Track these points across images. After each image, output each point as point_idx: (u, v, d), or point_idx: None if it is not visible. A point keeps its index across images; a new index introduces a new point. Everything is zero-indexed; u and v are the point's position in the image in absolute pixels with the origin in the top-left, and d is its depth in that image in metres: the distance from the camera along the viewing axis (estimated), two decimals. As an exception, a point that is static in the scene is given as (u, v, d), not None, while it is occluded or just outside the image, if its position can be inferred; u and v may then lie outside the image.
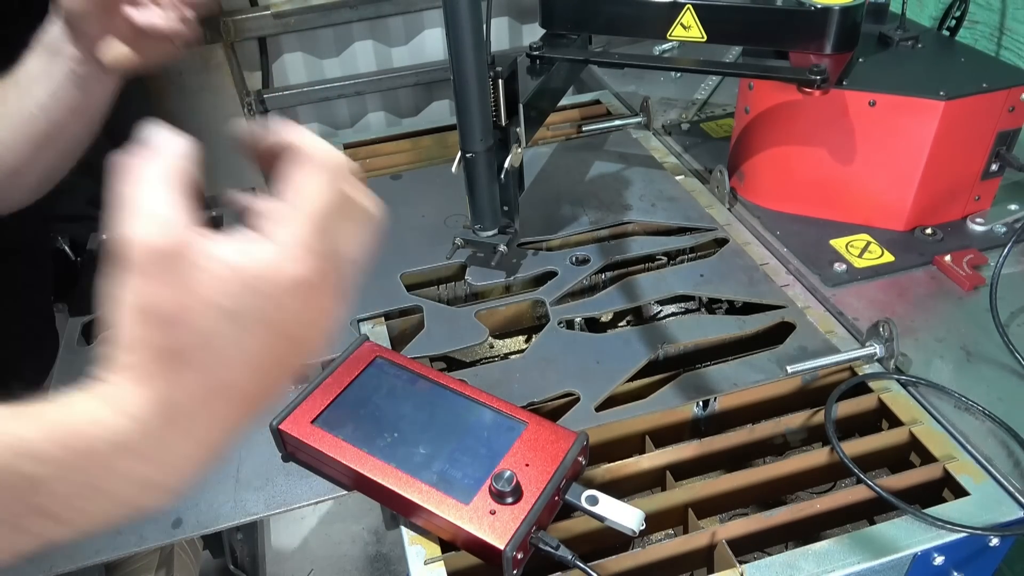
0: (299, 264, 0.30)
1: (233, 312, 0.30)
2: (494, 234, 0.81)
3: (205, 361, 0.30)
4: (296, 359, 0.33)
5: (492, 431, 0.58)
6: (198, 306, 0.29)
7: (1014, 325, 0.73)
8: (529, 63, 0.87)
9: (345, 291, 0.33)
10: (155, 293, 0.29)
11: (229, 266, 0.29)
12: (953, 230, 0.86)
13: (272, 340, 0.31)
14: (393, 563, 1.48)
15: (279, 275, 0.30)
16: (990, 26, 1.05)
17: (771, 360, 0.71)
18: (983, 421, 0.64)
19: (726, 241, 0.88)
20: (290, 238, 0.31)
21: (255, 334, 0.30)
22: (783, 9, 0.78)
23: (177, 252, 0.29)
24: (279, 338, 0.31)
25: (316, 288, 0.31)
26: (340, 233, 0.33)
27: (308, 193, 0.32)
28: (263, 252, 0.30)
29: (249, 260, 0.30)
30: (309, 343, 0.33)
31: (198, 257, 0.29)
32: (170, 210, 0.29)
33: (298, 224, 0.31)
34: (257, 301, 0.30)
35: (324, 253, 0.31)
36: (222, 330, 0.30)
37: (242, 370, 0.31)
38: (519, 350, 0.85)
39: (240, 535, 1.30)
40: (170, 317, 0.29)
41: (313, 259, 0.31)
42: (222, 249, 0.30)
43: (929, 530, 0.56)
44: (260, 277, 0.30)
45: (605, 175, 1.02)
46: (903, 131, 0.79)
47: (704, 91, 1.23)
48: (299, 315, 0.31)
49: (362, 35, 1.52)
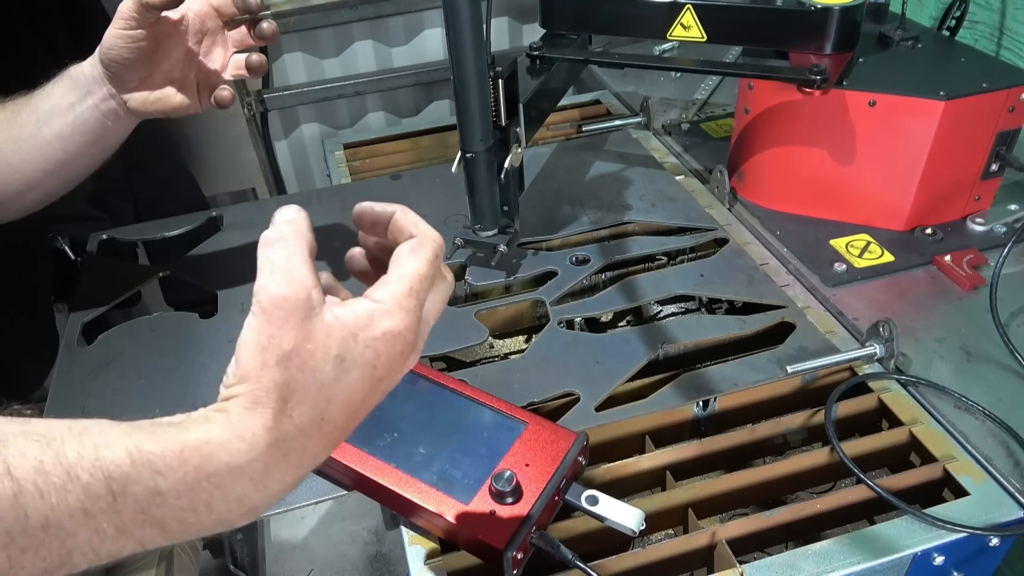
0: (393, 318, 0.36)
1: (338, 355, 0.34)
2: (494, 234, 0.81)
3: (313, 396, 0.34)
4: (375, 399, 0.37)
5: (492, 431, 0.58)
6: (311, 348, 0.33)
7: (1014, 325, 0.73)
8: (529, 63, 0.87)
9: (420, 347, 0.38)
10: (278, 335, 0.33)
11: (339, 318, 0.35)
12: (953, 230, 0.86)
13: (364, 381, 0.36)
14: (393, 563, 1.48)
15: (378, 327, 0.35)
16: (990, 26, 1.05)
17: (771, 360, 0.71)
18: (983, 421, 0.64)
19: (726, 241, 0.88)
20: (389, 297, 0.36)
21: (354, 375, 0.35)
22: (783, 9, 0.78)
23: (301, 304, 0.33)
24: (370, 380, 0.36)
25: (404, 340, 0.36)
26: (428, 299, 0.38)
27: (410, 262, 0.37)
28: (366, 307, 0.35)
29: (354, 313, 0.35)
30: (388, 386, 0.38)
31: (316, 309, 0.34)
32: (297, 268, 0.34)
33: (396, 286, 0.36)
34: (358, 347, 0.35)
35: (414, 311, 0.37)
36: (328, 370, 0.34)
37: (339, 407, 0.35)
38: (519, 350, 0.85)
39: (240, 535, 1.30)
40: (288, 356, 0.33)
41: (404, 315, 0.36)
42: (336, 304, 0.35)
43: (929, 530, 0.56)
44: (362, 327, 0.35)
45: (605, 175, 1.02)
46: (903, 131, 0.79)
47: (704, 91, 1.23)
48: (388, 362, 0.36)
49: (362, 35, 1.52)
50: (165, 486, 0.31)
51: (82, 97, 0.65)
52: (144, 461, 0.31)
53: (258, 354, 0.33)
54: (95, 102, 0.65)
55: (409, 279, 0.37)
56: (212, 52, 0.69)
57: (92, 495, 0.30)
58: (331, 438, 0.36)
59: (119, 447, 0.31)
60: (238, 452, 0.33)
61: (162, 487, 0.31)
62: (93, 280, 0.89)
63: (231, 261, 0.90)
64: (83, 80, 0.64)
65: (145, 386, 0.73)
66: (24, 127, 0.65)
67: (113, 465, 0.31)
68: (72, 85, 0.65)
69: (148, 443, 0.32)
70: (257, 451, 0.33)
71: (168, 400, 0.71)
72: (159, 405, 0.71)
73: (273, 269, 0.34)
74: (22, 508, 0.29)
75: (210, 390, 0.34)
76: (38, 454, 0.30)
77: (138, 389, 0.73)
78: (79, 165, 0.68)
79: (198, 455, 0.32)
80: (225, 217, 0.97)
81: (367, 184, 1.05)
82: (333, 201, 0.99)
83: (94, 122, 0.65)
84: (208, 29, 0.67)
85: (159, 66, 0.66)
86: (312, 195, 1.02)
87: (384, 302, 0.36)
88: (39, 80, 0.66)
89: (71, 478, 0.30)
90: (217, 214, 0.98)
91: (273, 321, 0.33)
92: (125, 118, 0.67)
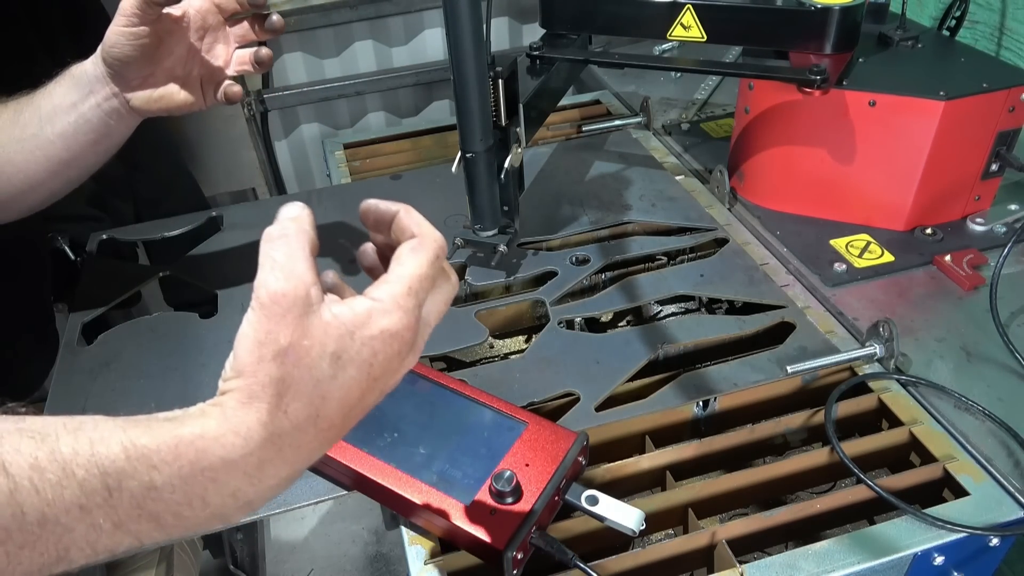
0: (391, 317, 0.36)
1: (335, 353, 0.34)
2: (494, 234, 0.81)
3: (308, 393, 0.34)
4: (374, 398, 0.37)
5: (492, 431, 0.58)
6: (308, 345, 0.33)
7: (1014, 325, 0.73)
8: (529, 63, 0.87)
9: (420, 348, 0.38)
10: (275, 330, 0.33)
11: (336, 315, 0.35)
12: (953, 230, 0.86)
13: (361, 379, 0.35)
14: (393, 563, 1.48)
15: (376, 325, 0.35)
16: (990, 26, 1.05)
17: (771, 360, 0.71)
18: (983, 421, 0.64)
19: (726, 241, 0.88)
20: (388, 297, 0.36)
21: (351, 373, 0.35)
22: (783, 9, 0.78)
23: (300, 301, 0.33)
24: (367, 378, 0.36)
25: (402, 339, 0.36)
26: (428, 300, 0.38)
27: (410, 262, 0.37)
28: (364, 305, 0.35)
29: (352, 311, 0.35)
30: (386, 385, 0.38)
31: (315, 306, 0.34)
32: (298, 265, 0.34)
33: (396, 286, 0.36)
34: (355, 345, 0.35)
35: (412, 311, 0.36)
36: (324, 367, 0.34)
37: (335, 403, 0.35)
38: (519, 350, 0.85)
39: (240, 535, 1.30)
40: (284, 351, 0.33)
41: (403, 315, 0.36)
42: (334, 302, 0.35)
43: (929, 530, 0.56)
44: (359, 325, 0.35)
45: (605, 175, 1.02)
46: (903, 131, 0.79)
47: (704, 91, 1.23)
48: (387, 361, 0.36)
49: (362, 35, 1.52)
50: (160, 480, 0.32)
51: (84, 96, 0.65)
52: (139, 455, 0.31)
53: (255, 349, 0.33)
54: (97, 101, 0.65)
55: (408, 279, 0.37)
56: (214, 48, 0.69)
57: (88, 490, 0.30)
58: (327, 435, 0.36)
59: (114, 442, 0.31)
60: (232, 446, 0.33)
61: (157, 481, 0.31)
62: (93, 280, 0.89)
63: (231, 261, 0.90)
64: (85, 79, 0.64)
65: (145, 386, 0.73)
66: (27, 127, 0.65)
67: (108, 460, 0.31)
68: (74, 84, 0.65)
69: (143, 437, 0.32)
70: (252, 445, 0.33)
71: (168, 400, 0.71)
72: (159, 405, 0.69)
73: (274, 265, 0.34)
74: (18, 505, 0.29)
75: (210, 390, 0.34)
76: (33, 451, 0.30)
77: (138, 389, 0.73)
78: (82, 165, 0.68)
79: (193, 449, 0.32)
80: (225, 217, 0.97)
81: (367, 184, 1.05)
82: (333, 201, 0.99)
83: (97, 121, 0.65)
84: (210, 25, 0.67)
85: (161, 63, 0.65)
86: (312, 195, 1.02)
87: (382, 301, 0.36)
88: (41, 80, 0.66)
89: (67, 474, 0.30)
90: (217, 214, 0.98)
91: (271, 316, 0.33)
92: (127, 117, 0.67)
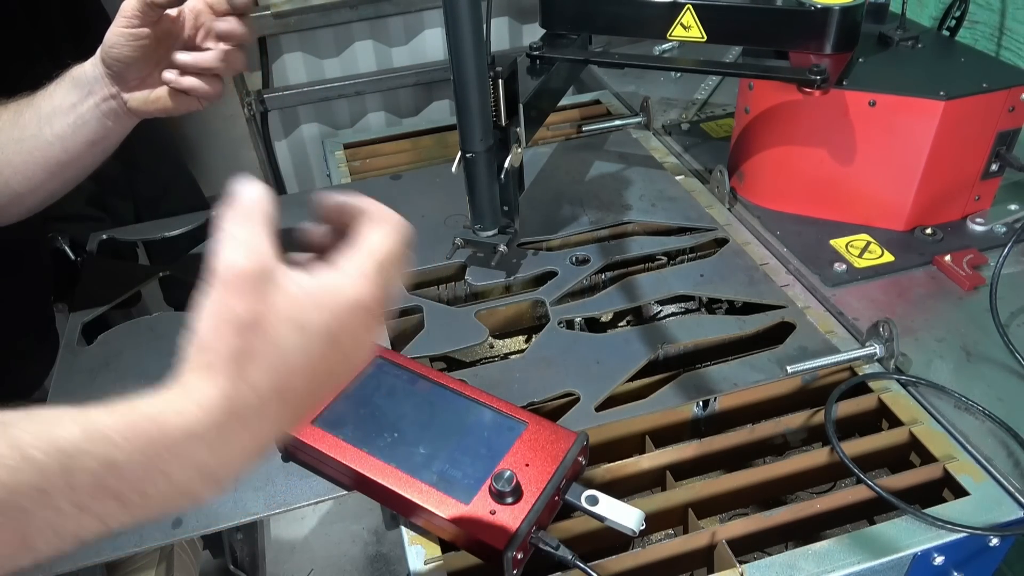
0: (358, 288, 0.36)
1: (300, 323, 0.34)
2: (494, 234, 0.81)
3: (272, 363, 0.34)
4: (343, 370, 0.37)
5: (492, 431, 0.58)
6: (271, 316, 0.33)
7: (1014, 325, 0.73)
8: (529, 63, 0.87)
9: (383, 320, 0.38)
10: (235, 304, 0.33)
11: (301, 286, 0.34)
12: (953, 230, 0.86)
13: (328, 350, 0.35)
14: (393, 563, 1.48)
15: (341, 295, 0.35)
16: (990, 26, 1.05)
17: (771, 360, 0.71)
18: (983, 421, 0.64)
19: (726, 241, 0.88)
20: (354, 268, 0.36)
21: (316, 343, 0.35)
22: (783, 9, 0.78)
23: (259, 273, 0.33)
24: (335, 350, 0.36)
25: (368, 310, 0.36)
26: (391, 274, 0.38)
27: (374, 239, 0.37)
28: (330, 276, 0.36)
29: (318, 282, 0.35)
30: (356, 357, 0.38)
31: (277, 278, 0.34)
32: (258, 241, 0.34)
33: (362, 258, 0.37)
34: (322, 315, 0.35)
35: (379, 284, 0.37)
36: (290, 337, 0.34)
37: (301, 375, 0.35)
38: (519, 350, 0.85)
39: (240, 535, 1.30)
40: (246, 323, 0.33)
41: (370, 286, 0.36)
42: (297, 274, 0.35)
43: (929, 530, 0.56)
44: (326, 294, 0.35)
45: (605, 175, 1.02)
46: (903, 131, 0.79)
47: (704, 91, 1.23)
48: (353, 332, 0.36)
49: (362, 35, 1.52)
50: (120, 456, 0.31)
51: (83, 97, 0.65)
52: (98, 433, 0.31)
53: (214, 323, 0.33)
54: (96, 102, 0.65)
55: (378, 253, 0.37)
56: (206, 47, 0.69)
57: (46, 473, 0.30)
58: (294, 407, 0.36)
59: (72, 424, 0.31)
60: (193, 417, 0.33)
61: (117, 458, 0.31)
62: (93, 280, 0.89)
63: (231, 261, 0.90)
64: (85, 80, 0.65)
65: (145, 386, 0.73)
66: (27, 128, 0.65)
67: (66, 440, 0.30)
68: (74, 85, 0.65)
69: (102, 417, 0.32)
70: (213, 416, 0.33)
71: (168, 400, 0.71)
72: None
73: (234, 242, 0.34)
74: None
75: (210, 390, 0.34)
76: None
77: (138, 389, 0.73)
78: (79, 166, 0.68)
79: (152, 423, 0.32)
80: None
81: (367, 184, 1.05)
82: (333, 201, 0.99)
83: (94, 122, 0.66)
84: (201, 25, 0.68)
85: (158, 64, 0.66)
86: (312, 195, 1.02)
87: (350, 273, 0.36)
88: (41, 81, 0.66)
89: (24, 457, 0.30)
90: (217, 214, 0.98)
91: (230, 291, 0.33)
92: (124, 118, 0.67)
